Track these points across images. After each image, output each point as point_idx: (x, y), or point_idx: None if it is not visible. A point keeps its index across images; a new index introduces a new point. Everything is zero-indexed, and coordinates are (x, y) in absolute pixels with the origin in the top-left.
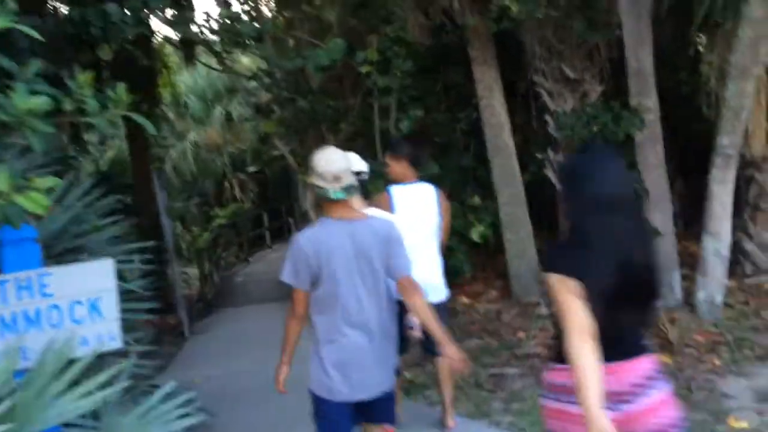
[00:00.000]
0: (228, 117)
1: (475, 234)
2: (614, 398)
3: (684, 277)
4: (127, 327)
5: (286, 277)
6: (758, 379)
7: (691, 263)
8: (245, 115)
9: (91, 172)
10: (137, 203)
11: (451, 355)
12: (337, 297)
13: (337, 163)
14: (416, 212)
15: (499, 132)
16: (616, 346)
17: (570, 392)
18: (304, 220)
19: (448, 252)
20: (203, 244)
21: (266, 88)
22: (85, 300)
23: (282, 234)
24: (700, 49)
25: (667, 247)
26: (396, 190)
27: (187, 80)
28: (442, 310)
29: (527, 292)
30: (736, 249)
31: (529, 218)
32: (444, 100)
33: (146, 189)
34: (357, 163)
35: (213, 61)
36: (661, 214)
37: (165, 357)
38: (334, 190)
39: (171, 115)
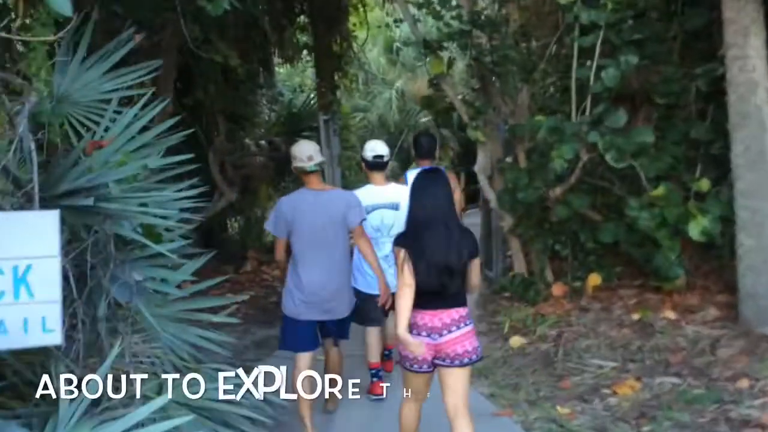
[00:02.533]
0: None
1: (695, 230)
2: (433, 331)
3: None
4: None
5: (269, 227)
6: None
7: None
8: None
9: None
10: None
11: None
12: (304, 246)
13: (308, 148)
14: None
15: (750, 93)
16: (437, 299)
17: (413, 327)
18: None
19: (653, 247)
20: None
21: (434, 16)
22: (8, 268)
23: (476, 198)
24: None
25: None
26: (411, 174)
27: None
28: None
29: (764, 320)
30: None
31: None
32: (678, 49)
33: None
34: (380, 148)
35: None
36: None
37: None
38: (309, 166)
39: (382, 60)
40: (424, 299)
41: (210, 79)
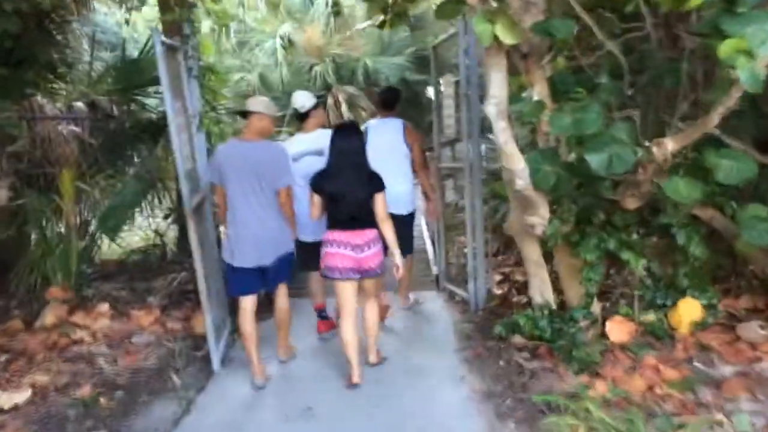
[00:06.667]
0: (336, 11)
1: None
2: (356, 247)
3: None
4: None
5: (209, 176)
6: None
7: None
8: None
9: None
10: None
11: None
12: (235, 195)
13: (263, 101)
14: (384, 141)
15: None
16: (354, 222)
17: (327, 242)
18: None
19: None
20: None
21: None
22: None
23: None
24: None
25: None
26: (371, 123)
27: None
28: (406, 221)
29: None
30: None
31: None
32: None
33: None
34: (298, 100)
35: None
36: None
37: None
38: (257, 109)
39: (260, 4)
40: (345, 223)
41: None
